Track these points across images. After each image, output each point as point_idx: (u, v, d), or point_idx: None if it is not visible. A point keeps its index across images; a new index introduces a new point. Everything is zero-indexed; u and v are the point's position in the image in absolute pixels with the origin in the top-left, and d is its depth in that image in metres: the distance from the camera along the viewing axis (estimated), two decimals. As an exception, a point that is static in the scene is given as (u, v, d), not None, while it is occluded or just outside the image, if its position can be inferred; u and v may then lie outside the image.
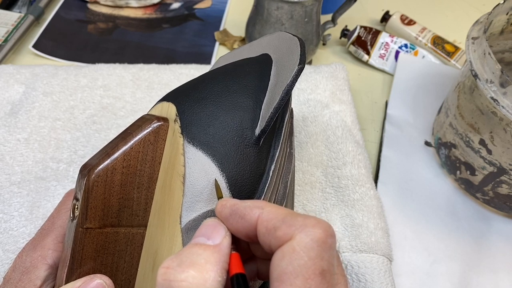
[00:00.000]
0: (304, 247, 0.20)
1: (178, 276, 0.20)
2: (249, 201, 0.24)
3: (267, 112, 0.29)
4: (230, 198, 0.25)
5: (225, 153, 0.28)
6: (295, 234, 0.21)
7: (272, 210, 0.23)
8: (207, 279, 0.21)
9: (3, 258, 0.38)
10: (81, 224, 0.27)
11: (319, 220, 0.22)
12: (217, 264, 0.21)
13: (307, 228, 0.21)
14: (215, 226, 0.24)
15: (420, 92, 0.58)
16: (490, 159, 0.43)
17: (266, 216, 0.22)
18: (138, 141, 0.28)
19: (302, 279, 0.20)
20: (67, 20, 0.66)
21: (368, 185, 0.45)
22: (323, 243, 0.21)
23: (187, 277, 0.20)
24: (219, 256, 0.22)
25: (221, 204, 0.25)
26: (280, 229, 0.21)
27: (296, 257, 0.20)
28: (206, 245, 0.22)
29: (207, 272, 0.21)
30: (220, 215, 0.24)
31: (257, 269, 0.27)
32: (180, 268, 0.21)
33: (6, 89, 0.51)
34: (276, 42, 0.34)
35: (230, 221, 0.24)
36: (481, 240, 0.46)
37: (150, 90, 0.53)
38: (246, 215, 0.23)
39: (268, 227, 0.22)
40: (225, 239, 0.23)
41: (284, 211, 0.22)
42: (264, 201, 0.24)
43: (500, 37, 0.50)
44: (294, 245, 0.21)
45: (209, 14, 0.70)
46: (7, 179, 0.44)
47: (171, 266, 0.21)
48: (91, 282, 0.26)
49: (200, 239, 0.23)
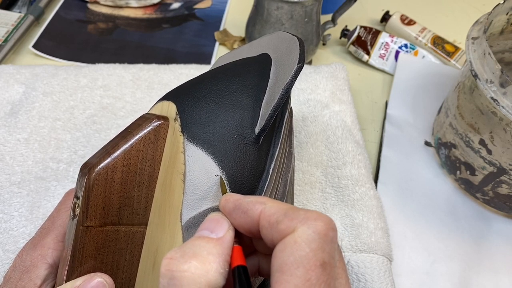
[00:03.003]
0: (306, 239, 0.21)
1: (181, 266, 0.21)
2: (252, 196, 0.24)
3: (266, 111, 0.29)
4: (233, 193, 0.25)
5: (225, 151, 0.28)
6: (297, 226, 0.21)
7: (274, 205, 0.23)
8: (209, 270, 0.21)
9: (3, 258, 0.38)
10: (82, 223, 0.27)
11: (321, 213, 0.22)
12: (219, 256, 0.22)
13: (309, 221, 0.21)
14: (218, 220, 0.24)
15: (420, 92, 0.58)
16: (490, 159, 0.43)
17: (269, 210, 0.23)
18: (139, 140, 0.28)
19: (303, 270, 0.20)
20: (67, 20, 0.66)
21: (368, 185, 0.45)
22: (325, 236, 0.21)
23: (189, 267, 0.21)
24: (222, 248, 0.22)
25: (224, 199, 0.25)
26: (283, 222, 0.22)
27: (298, 248, 0.20)
28: (209, 238, 0.23)
29: (210, 263, 0.21)
30: (224, 210, 0.25)
31: (258, 265, 0.27)
32: (183, 259, 0.21)
33: (6, 89, 0.51)
34: (276, 41, 0.34)
35: (233, 215, 0.24)
36: (481, 240, 0.46)
37: (150, 90, 0.53)
38: (248, 210, 0.23)
39: (271, 221, 0.22)
40: (228, 232, 0.23)
41: (286, 206, 0.23)
42: (266, 197, 0.24)
43: (500, 37, 0.50)
44: (296, 237, 0.21)
45: (209, 14, 0.70)
46: (7, 179, 0.44)
47: (174, 257, 0.21)
48: (91, 280, 0.26)
49: (204, 232, 0.23)
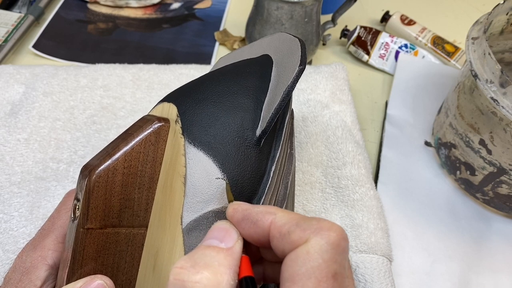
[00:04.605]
0: (319, 250, 0.20)
1: (192, 277, 0.20)
2: (260, 206, 0.24)
3: (268, 113, 0.29)
4: (241, 202, 0.25)
5: (226, 153, 0.28)
6: (310, 237, 0.21)
7: (285, 215, 0.23)
8: (221, 282, 0.21)
9: (3, 259, 0.38)
10: (82, 225, 0.27)
11: (333, 223, 0.22)
12: (230, 267, 0.21)
13: (322, 231, 0.21)
14: (227, 230, 0.24)
15: (420, 92, 0.58)
16: (490, 159, 0.43)
17: (280, 221, 0.22)
18: (139, 142, 0.28)
19: (315, 281, 0.20)
20: (67, 20, 0.66)
21: (368, 185, 0.45)
22: (337, 246, 0.21)
23: (201, 278, 0.20)
24: (232, 259, 0.22)
25: (232, 208, 0.24)
26: (295, 233, 0.21)
27: (310, 259, 0.20)
28: (220, 248, 0.22)
29: (221, 275, 0.21)
30: (232, 219, 0.24)
31: (263, 271, 0.27)
32: (194, 270, 0.21)
33: (6, 89, 0.51)
34: (277, 43, 0.34)
35: (242, 225, 0.24)
36: (481, 240, 0.46)
37: (150, 90, 0.53)
38: (258, 220, 0.23)
39: (282, 231, 0.22)
40: (237, 243, 0.23)
41: (297, 216, 0.23)
42: (276, 207, 0.24)
43: (500, 37, 0.50)
44: (309, 247, 0.21)
45: (209, 14, 0.70)
46: (7, 179, 0.44)
47: (185, 266, 0.21)
48: (92, 282, 0.26)
49: (213, 241, 0.23)
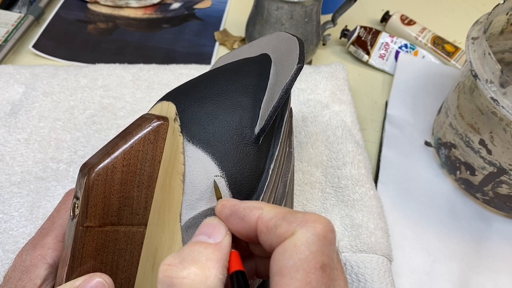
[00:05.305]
0: (306, 242, 0.21)
1: (180, 273, 0.21)
2: (248, 202, 0.24)
3: (266, 111, 0.29)
4: (229, 198, 0.25)
5: (225, 151, 0.28)
6: (296, 230, 0.21)
7: (272, 210, 0.23)
8: (209, 276, 0.21)
9: (3, 258, 0.38)
10: (81, 223, 0.27)
11: (319, 215, 0.22)
12: (218, 261, 0.21)
13: (308, 223, 0.21)
14: (215, 225, 0.24)
15: (420, 92, 0.58)
16: (490, 159, 0.43)
17: (266, 215, 0.23)
18: (138, 140, 0.28)
19: (303, 272, 0.20)
20: (67, 20, 0.66)
21: (368, 185, 0.45)
22: (324, 238, 0.21)
23: (189, 274, 0.20)
24: (220, 254, 0.22)
25: (221, 204, 0.25)
26: (281, 226, 0.22)
27: (297, 251, 0.20)
28: (207, 243, 0.23)
29: (209, 269, 0.21)
30: (220, 215, 0.24)
31: (255, 267, 0.27)
32: (182, 265, 0.21)
33: (6, 89, 0.51)
34: (275, 42, 0.34)
35: (230, 221, 0.24)
36: (481, 240, 0.46)
37: (150, 90, 0.53)
38: (246, 216, 0.23)
39: (269, 226, 0.22)
40: (225, 237, 0.23)
41: (283, 210, 0.23)
42: (263, 202, 0.24)
43: (500, 37, 0.50)
44: (295, 240, 0.21)
45: (209, 14, 0.70)
46: (7, 179, 0.44)
47: (173, 263, 0.21)
48: (91, 280, 0.26)
49: (201, 237, 0.23)
